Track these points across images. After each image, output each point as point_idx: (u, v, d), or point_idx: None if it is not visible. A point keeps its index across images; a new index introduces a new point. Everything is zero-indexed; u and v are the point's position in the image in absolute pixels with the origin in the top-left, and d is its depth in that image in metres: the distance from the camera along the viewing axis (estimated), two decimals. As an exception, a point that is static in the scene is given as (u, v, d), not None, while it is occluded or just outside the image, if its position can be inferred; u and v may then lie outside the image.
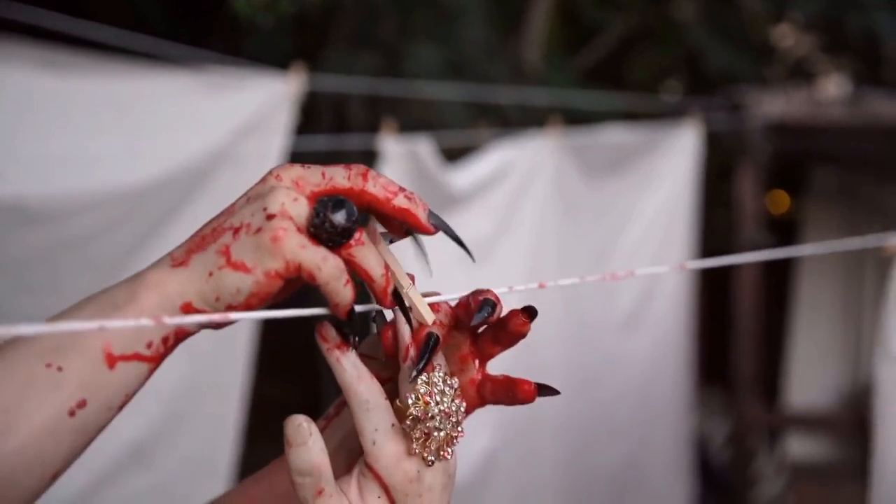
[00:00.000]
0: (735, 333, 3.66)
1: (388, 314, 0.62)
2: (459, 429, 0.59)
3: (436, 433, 0.58)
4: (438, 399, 0.58)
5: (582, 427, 2.88)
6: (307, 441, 0.56)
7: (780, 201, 5.77)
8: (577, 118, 3.27)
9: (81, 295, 1.99)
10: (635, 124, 3.26)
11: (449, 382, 0.59)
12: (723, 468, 4.04)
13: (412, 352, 0.59)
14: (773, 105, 3.52)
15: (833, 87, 3.58)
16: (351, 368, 0.58)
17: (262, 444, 2.49)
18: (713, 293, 4.58)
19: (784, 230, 5.25)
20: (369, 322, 0.63)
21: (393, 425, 0.58)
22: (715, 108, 3.61)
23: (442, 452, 0.59)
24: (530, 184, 2.65)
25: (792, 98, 3.60)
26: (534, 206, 2.67)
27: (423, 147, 2.27)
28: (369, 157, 2.29)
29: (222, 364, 2.23)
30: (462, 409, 0.59)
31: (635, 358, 3.08)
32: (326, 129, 3.07)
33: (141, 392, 1.87)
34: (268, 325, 2.33)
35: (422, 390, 0.58)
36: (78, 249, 1.98)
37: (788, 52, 5.38)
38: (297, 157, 2.28)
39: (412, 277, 0.61)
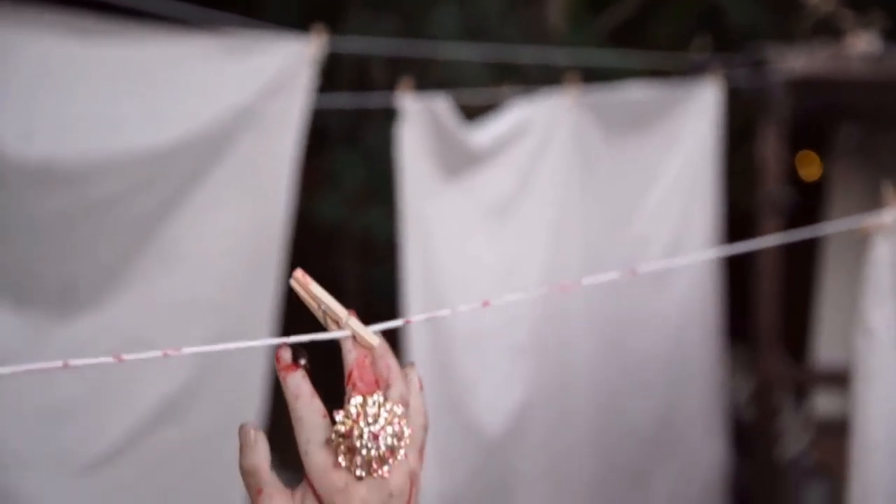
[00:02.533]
0: (757, 290, 3.66)
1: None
2: (397, 454, 0.65)
3: (364, 451, 0.63)
4: (370, 421, 0.64)
5: (612, 383, 2.91)
6: (253, 446, 0.66)
7: (812, 165, 5.72)
8: (599, 78, 3.27)
9: (114, 257, 2.05)
10: (656, 83, 3.25)
11: (387, 408, 0.65)
12: (748, 425, 4.05)
13: (352, 376, 0.67)
14: (796, 60, 3.48)
15: (860, 44, 3.53)
16: (293, 387, 0.66)
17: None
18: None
19: (810, 190, 5.22)
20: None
21: (327, 440, 0.64)
22: (737, 64, 3.58)
23: (373, 470, 0.64)
24: (550, 141, 2.66)
25: (815, 53, 3.56)
26: (554, 164, 2.69)
27: (441, 104, 2.29)
28: (389, 116, 2.32)
29: (249, 322, 2.28)
30: (402, 435, 0.65)
31: (664, 313, 3.09)
32: (347, 90, 3.09)
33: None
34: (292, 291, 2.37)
35: (352, 411, 0.64)
36: (106, 210, 2.03)
37: (814, 8, 5.31)
38: (319, 114, 2.31)
39: (352, 312, 0.68)
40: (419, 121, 2.26)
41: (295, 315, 0.72)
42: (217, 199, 2.16)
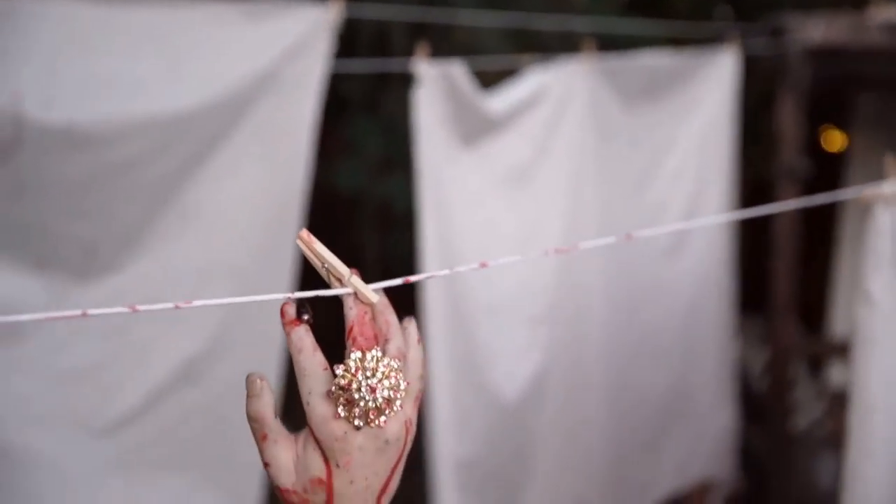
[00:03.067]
0: (773, 262, 3.66)
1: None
2: (393, 406, 0.69)
3: (362, 403, 0.68)
4: (368, 374, 0.68)
5: (626, 352, 2.92)
6: (258, 394, 0.72)
7: (835, 139, 5.68)
8: (617, 47, 3.25)
9: (134, 219, 2.08)
10: (675, 52, 3.23)
11: (385, 362, 0.69)
12: (762, 396, 4.07)
13: (352, 331, 0.72)
14: (815, 29, 3.46)
15: (880, 13, 3.50)
16: (296, 341, 0.71)
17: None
18: (753, 223, 4.57)
19: (832, 161, 5.19)
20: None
21: (327, 392, 0.69)
22: (756, 33, 3.56)
23: (370, 420, 0.69)
24: (566, 108, 2.66)
25: (834, 22, 3.53)
26: (571, 130, 2.68)
27: (458, 70, 2.29)
28: (407, 81, 2.32)
29: (267, 285, 2.30)
30: (398, 388, 0.69)
31: (678, 283, 3.10)
32: (368, 55, 3.09)
33: (191, 316, 1.97)
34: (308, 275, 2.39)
35: (351, 365, 0.68)
36: (126, 174, 2.05)
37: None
38: (338, 82, 2.32)
39: (354, 271, 0.73)
40: (435, 87, 2.26)
41: (312, 279, 0.74)
42: (236, 162, 2.18)
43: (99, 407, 2.22)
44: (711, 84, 3.16)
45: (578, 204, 2.74)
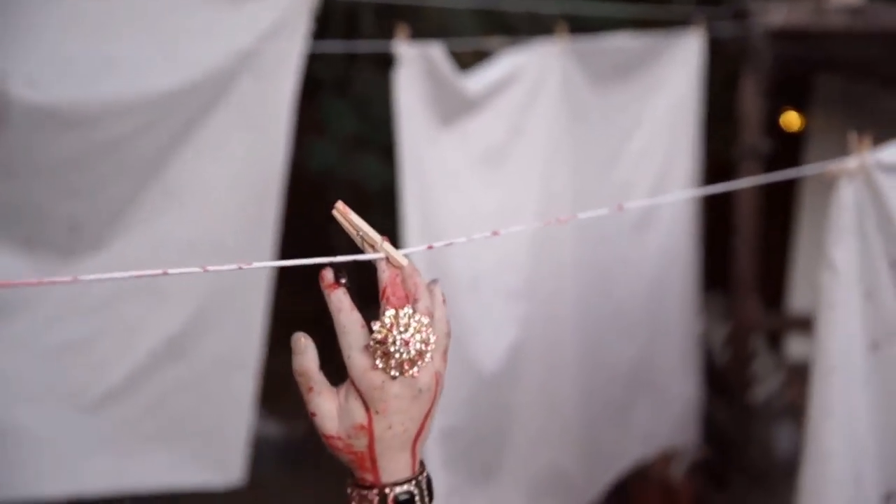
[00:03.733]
0: (735, 239, 3.77)
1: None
2: (424, 357, 0.78)
3: (397, 355, 0.76)
4: (402, 329, 0.76)
5: (597, 325, 3.01)
6: (303, 351, 0.79)
7: (793, 120, 5.82)
8: (585, 29, 3.32)
9: (120, 197, 2.12)
10: (642, 33, 3.31)
11: (416, 318, 0.77)
12: (723, 368, 4.19)
13: (385, 292, 0.79)
14: (777, 13, 3.55)
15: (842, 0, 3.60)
16: (336, 301, 0.78)
17: (283, 352, 2.65)
18: (716, 202, 4.69)
19: (792, 142, 5.32)
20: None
21: (366, 346, 0.77)
22: (720, 16, 3.65)
23: (405, 370, 0.77)
24: (540, 89, 2.72)
25: (795, 6, 3.63)
26: (544, 111, 2.75)
27: (437, 52, 2.35)
28: (379, 64, 2.37)
29: (250, 260, 2.35)
30: (428, 341, 0.78)
31: (645, 258, 3.19)
32: (339, 37, 3.12)
33: (176, 292, 2.03)
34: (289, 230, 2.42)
35: (386, 321, 0.76)
36: (111, 152, 2.08)
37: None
38: (311, 62, 2.35)
39: (385, 238, 0.80)
40: (415, 67, 2.31)
41: (291, 253, 0.80)
42: (219, 140, 2.21)
43: (87, 383, 2.26)
44: (677, 65, 3.25)
45: (552, 182, 2.82)
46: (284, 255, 2.42)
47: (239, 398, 2.47)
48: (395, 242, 2.42)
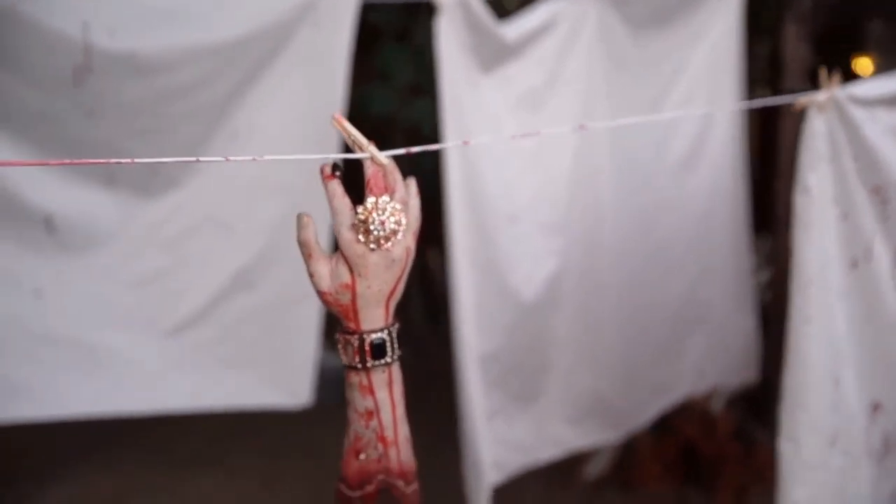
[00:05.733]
0: (777, 182, 3.85)
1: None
2: (397, 236, 0.99)
3: (375, 232, 0.98)
4: (380, 213, 0.98)
5: (640, 261, 3.10)
6: (305, 226, 1.03)
7: (866, 65, 5.79)
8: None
9: (191, 139, 2.38)
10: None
11: (392, 205, 0.99)
12: (766, 307, 4.28)
13: (369, 183, 1.01)
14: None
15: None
16: (331, 189, 1.00)
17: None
18: (763, 145, 4.76)
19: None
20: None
21: (352, 224, 0.99)
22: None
23: (381, 244, 0.99)
24: (577, 35, 2.84)
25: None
26: (581, 58, 2.86)
27: (475, 0, 2.49)
28: (428, 9, 2.53)
29: (312, 200, 2.54)
30: (401, 223, 1.00)
31: (691, 197, 3.28)
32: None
33: (246, 226, 2.28)
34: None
35: (368, 206, 0.98)
36: (183, 97, 2.29)
37: None
38: (368, 8, 2.48)
39: (372, 142, 1.02)
40: (455, 15, 2.46)
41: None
42: (280, 85, 2.41)
43: (167, 310, 2.50)
44: (719, 11, 3.28)
45: (588, 131, 2.95)
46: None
47: (304, 327, 2.69)
48: (438, 182, 2.59)
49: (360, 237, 0.99)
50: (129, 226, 2.39)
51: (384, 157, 1.03)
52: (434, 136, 2.73)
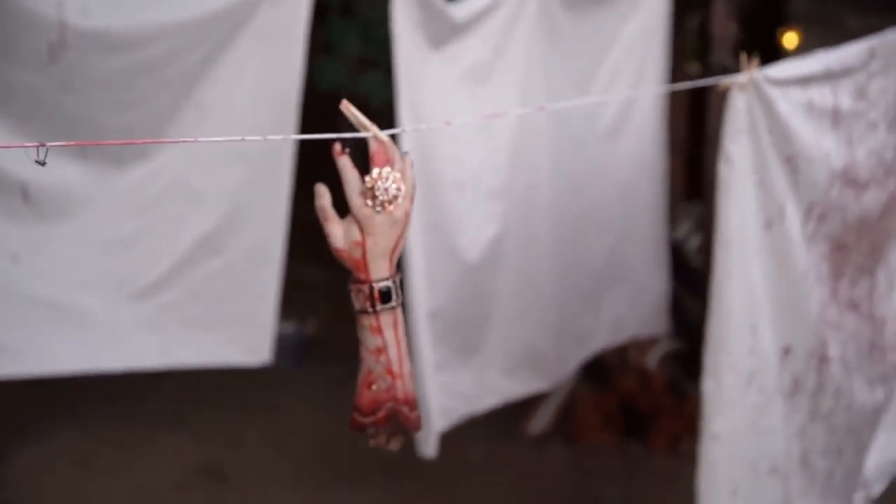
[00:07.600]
0: (706, 150, 4.11)
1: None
2: (398, 200, 1.20)
3: (380, 197, 1.19)
4: (383, 181, 1.20)
5: (571, 222, 3.35)
6: (322, 195, 1.24)
7: (791, 39, 6.02)
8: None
9: (160, 112, 2.55)
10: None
11: (393, 174, 1.20)
12: (698, 270, 4.57)
13: (374, 157, 1.22)
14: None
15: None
16: (342, 164, 1.21)
17: (295, 261, 3.10)
18: (693, 119, 5.02)
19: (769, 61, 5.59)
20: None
21: (361, 191, 1.20)
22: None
23: (386, 208, 1.20)
24: (520, 14, 3.02)
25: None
26: (523, 34, 3.04)
27: (427, -20, 2.66)
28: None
29: (272, 168, 2.69)
30: (401, 189, 1.21)
31: (616, 165, 3.52)
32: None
33: (211, 193, 2.46)
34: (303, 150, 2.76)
35: (374, 175, 1.20)
36: (153, 72, 2.41)
37: None
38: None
39: (373, 124, 1.22)
40: (409, -4, 2.64)
41: (309, 164, 1.25)
42: (243, 61, 2.54)
43: (137, 273, 2.62)
44: None
45: (530, 99, 3.15)
46: (301, 162, 2.78)
47: (266, 290, 2.84)
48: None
49: (368, 202, 1.19)
50: (102, 194, 2.50)
51: (385, 135, 1.22)
52: (384, 110, 2.88)
